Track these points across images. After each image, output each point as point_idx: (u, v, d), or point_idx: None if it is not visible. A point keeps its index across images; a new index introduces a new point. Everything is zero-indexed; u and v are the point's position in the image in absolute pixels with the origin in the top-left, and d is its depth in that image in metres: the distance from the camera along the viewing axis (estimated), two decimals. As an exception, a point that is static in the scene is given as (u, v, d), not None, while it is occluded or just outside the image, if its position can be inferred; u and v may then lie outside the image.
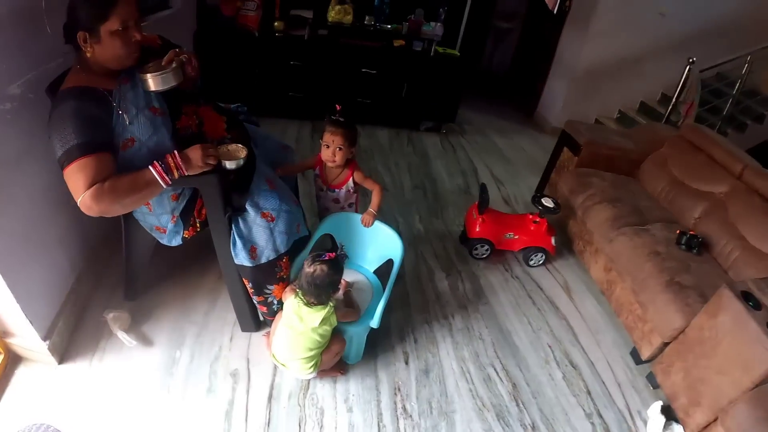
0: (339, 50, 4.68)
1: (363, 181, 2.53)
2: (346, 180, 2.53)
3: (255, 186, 2.15)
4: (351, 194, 2.61)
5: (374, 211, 2.52)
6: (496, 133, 5.63)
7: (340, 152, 2.40)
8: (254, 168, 2.19)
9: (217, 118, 2.19)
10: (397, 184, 4.13)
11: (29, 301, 2.04)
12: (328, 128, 2.39)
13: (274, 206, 2.15)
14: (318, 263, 2.06)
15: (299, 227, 2.28)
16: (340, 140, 2.37)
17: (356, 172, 2.52)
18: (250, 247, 2.14)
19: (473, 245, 3.23)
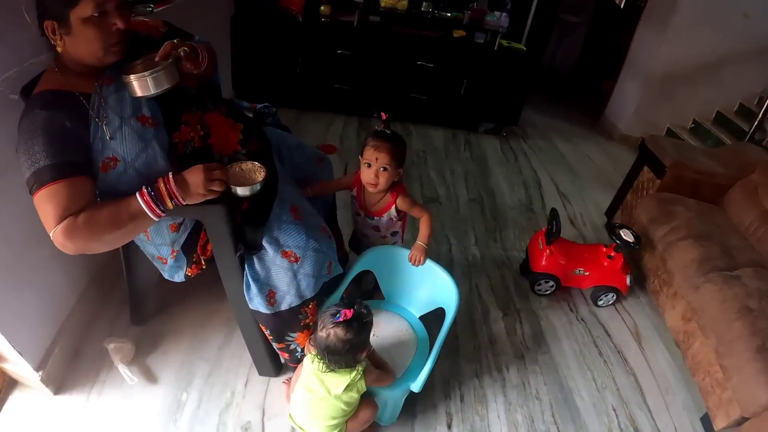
0: (392, 39, 4.34)
1: (409, 208, 2.13)
2: (389, 206, 2.13)
3: (275, 217, 1.76)
4: (394, 222, 2.20)
5: (424, 244, 2.11)
6: (561, 138, 5.18)
7: (384, 174, 1.99)
8: (275, 193, 1.81)
9: (229, 126, 1.79)
10: (452, 196, 3.71)
11: (18, 328, 1.84)
12: (372, 142, 1.99)
13: (299, 243, 1.76)
14: (331, 326, 1.66)
15: (331, 266, 1.90)
16: (385, 158, 1.97)
17: (401, 197, 2.10)
18: (268, 291, 1.78)
19: (536, 280, 2.80)
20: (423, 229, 2.13)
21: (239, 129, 1.81)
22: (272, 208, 1.77)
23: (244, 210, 1.75)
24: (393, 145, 1.99)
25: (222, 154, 1.74)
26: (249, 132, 1.85)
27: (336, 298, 1.99)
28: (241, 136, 1.81)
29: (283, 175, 1.93)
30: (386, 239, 2.28)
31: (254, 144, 1.84)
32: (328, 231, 1.92)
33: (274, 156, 1.94)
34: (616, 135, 5.34)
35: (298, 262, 1.75)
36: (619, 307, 2.88)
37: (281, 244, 1.74)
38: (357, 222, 2.29)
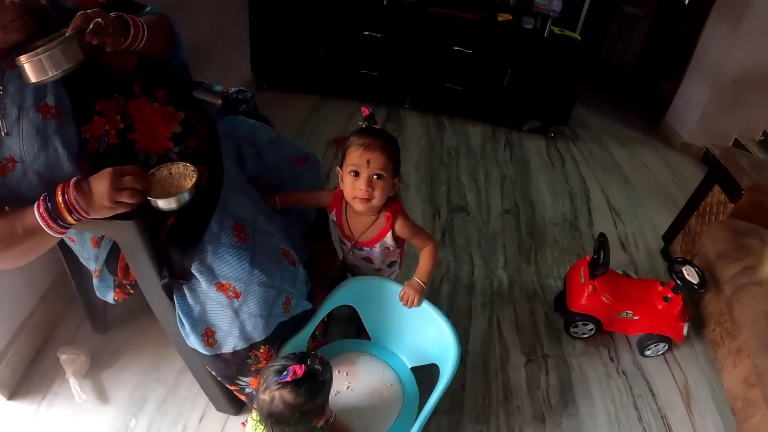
0: (426, 21, 3.93)
1: (411, 236, 1.70)
2: (383, 234, 1.69)
3: (212, 237, 1.40)
4: (391, 252, 1.78)
5: (422, 283, 1.68)
6: (616, 143, 4.63)
7: (380, 183, 1.56)
8: (215, 205, 1.43)
9: (162, 117, 1.41)
10: (483, 205, 3.24)
11: None
12: (358, 140, 1.57)
13: (239, 275, 1.40)
14: (276, 388, 1.29)
15: (290, 303, 1.52)
16: (380, 160, 1.55)
17: (401, 221, 1.67)
18: (204, 330, 1.45)
19: (573, 320, 2.32)
20: (424, 262, 1.70)
21: (177, 119, 1.43)
22: (208, 225, 1.40)
23: (169, 227, 1.37)
24: (388, 143, 1.57)
25: (149, 152, 1.37)
26: (191, 124, 1.46)
27: (300, 341, 1.60)
28: (180, 128, 1.42)
29: (235, 180, 1.55)
30: (382, 272, 1.86)
31: (196, 139, 1.46)
32: (292, 256, 1.54)
33: (225, 155, 1.55)
34: (677, 143, 4.81)
35: (238, 298, 1.40)
36: (668, 357, 2.38)
37: (216, 275, 1.39)
38: (343, 252, 1.87)
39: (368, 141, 1.54)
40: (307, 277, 1.64)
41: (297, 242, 1.77)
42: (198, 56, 2.19)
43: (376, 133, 1.59)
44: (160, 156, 1.37)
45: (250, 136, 1.75)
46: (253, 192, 1.62)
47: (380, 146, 1.55)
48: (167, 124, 1.40)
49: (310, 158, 1.90)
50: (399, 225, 1.66)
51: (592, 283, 2.24)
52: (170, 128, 1.40)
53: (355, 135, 1.59)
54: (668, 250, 3.01)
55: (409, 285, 1.69)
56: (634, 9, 6.02)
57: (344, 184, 1.60)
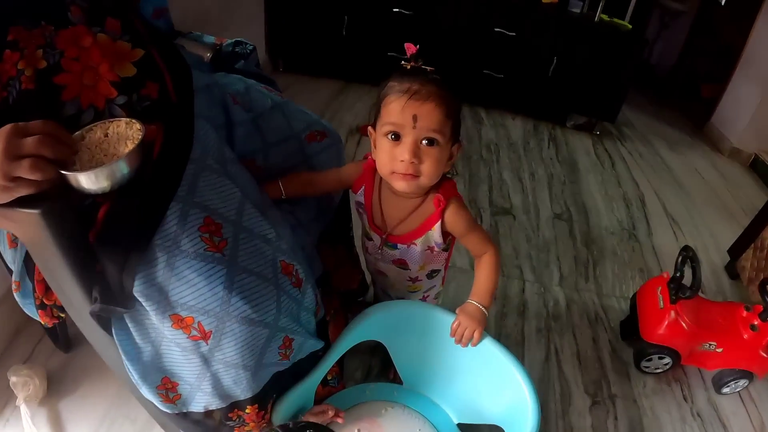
0: (464, 0, 3.61)
1: (465, 232, 1.22)
2: (429, 224, 1.22)
3: (166, 243, 0.93)
4: (435, 255, 1.31)
5: (484, 308, 1.21)
6: (665, 145, 4.29)
7: (431, 152, 1.09)
8: (173, 189, 0.95)
9: (109, 54, 0.95)
10: (531, 208, 2.82)
11: None
12: (400, 85, 1.07)
13: (208, 304, 0.95)
14: None
15: (289, 346, 1.08)
16: (433, 117, 1.06)
17: (454, 208, 1.20)
18: (160, 379, 1.04)
19: (647, 353, 1.91)
20: (483, 277, 1.24)
21: (131, 59, 0.97)
22: (161, 221, 0.93)
23: (101, 222, 0.91)
24: (446, 91, 1.08)
25: (82, 105, 0.93)
26: (153, 66, 1.00)
27: (305, 392, 1.20)
28: (134, 71, 0.96)
29: (214, 154, 1.08)
30: (418, 284, 1.39)
31: (155, 88, 0.99)
32: (296, 272, 1.09)
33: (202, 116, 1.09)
34: (725, 148, 4.50)
35: (207, 340, 0.95)
36: (743, 394, 2.01)
37: (172, 302, 0.93)
38: (367, 251, 1.40)
39: (416, 86, 1.05)
40: (319, 300, 1.19)
41: (309, 249, 1.32)
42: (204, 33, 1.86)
43: (428, 79, 1.07)
44: (98, 111, 0.93)
45: (245, 97, 1.28)
46: (241, 173, 1.14)
47: (435, 95, 1.05)
48: (115, 65, 0.95)
49: (328, 135, 1.41)
50: (452, 214, 1.19)
51: (674, 309, 1.83)
52: (118, 70, 0.95)
53: (396, 78, 1.09)
54: (734, 266, 2.63)
55: (464, 313, 1.22)
56: (676, 4, 5.71)
57: (378, 152, 1.13)
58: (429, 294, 1.47)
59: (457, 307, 1.24)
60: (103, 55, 0.93)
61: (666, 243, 2.69)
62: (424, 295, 1.47)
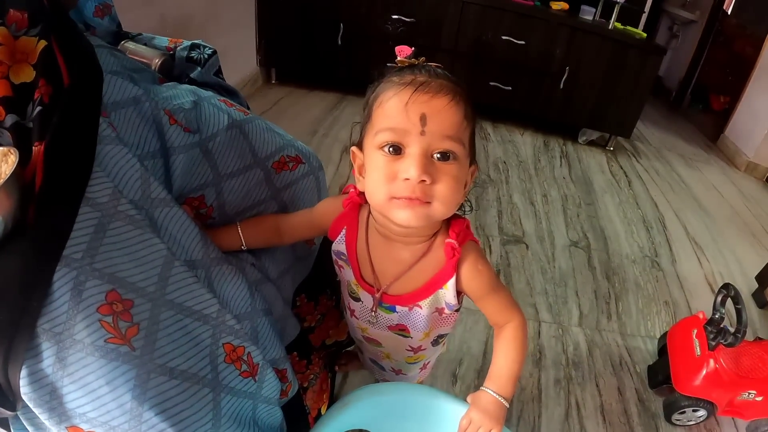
0: (468, 6, 3.42)
1: (485, 294, 0.92)
2: (437, 283, 0.92)
3: (55, 328, 0.67)
4: (443, 318, 1.02)
5: (504, 400, 0.91)
6: (681, 161, 4.12)
7: (447, 171, 0.79)
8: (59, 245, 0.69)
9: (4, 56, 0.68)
10: (545, 236, 2.59)
11: None
12: (400, 78, 0.80)
13: (112, 418, 0.68)
14: None
15: None
16: (450, 117, 0.77)
17: (471, 260, 0.90)
18: None
19: (680, 407, 1.70)
20: (503, 357, 0.93)
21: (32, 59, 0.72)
22: (44, 295, 0.68)
23: None
24: (458, 85, 0.81)
25: None
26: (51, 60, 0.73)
27: None
28: (33, 74, 0.71)
29: (135, 192, 0.81)
30: (420, 354, 1.11)
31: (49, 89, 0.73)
32: (246, 356, 0.85)
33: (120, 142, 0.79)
34: (741, 162, 4.38)
35: None
36: None
37: (66, 411, 0.69)
38: (354, 314, 1.09)
39: (423, 77, 0.79)
40: (290, 376, 0.96)
41: (280, 309, 1.04)
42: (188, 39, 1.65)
43: (436, 73, 0.82)
44: None
45: (191, 114, 0.96)
46: (175, 220, 0.86)
47: (448, 88, 0.79)
48: (11, 70, 0.70)
49: (304, 160, 1.10)
50: (470, 268, 0.89)
51: (712, 357, 1.61)
52: (14, 77, 0.70)
53: (393, 74, 0.83)
54: (763, 294, 2.45)
55: (478, 406, 0.91)
56: (686, 13, 5.56)
57: (369, 173, 0.84)
58: (430, 361, 1.20)
59: (469, 394, 0.93)
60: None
61: (691, 270, 2.50)
62: (425, 364, 1.19)
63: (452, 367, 1.70)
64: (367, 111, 0.82)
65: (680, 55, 5.86)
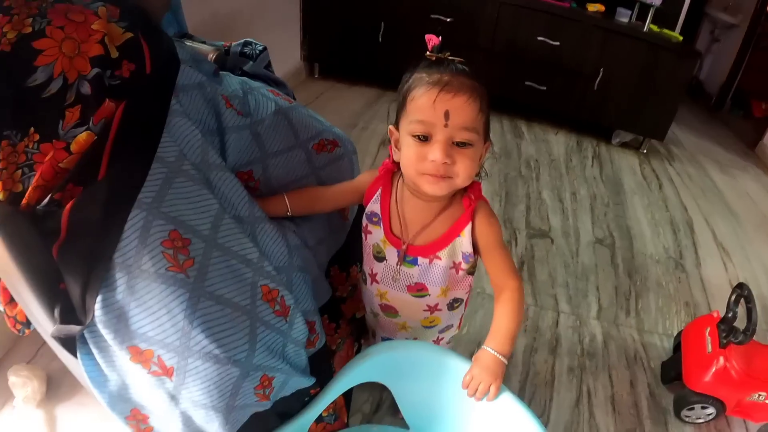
0: (505, 6, 3.41)
1: (493, 247, 1.08)
2: (456, 230, 1.08)
3: (125, 259, 0.84)
4: (459, 277, 1.15)
5: (502, 357, 1.04)
6: (716, 166, 4.03)
7: (465, 154, 0.97)
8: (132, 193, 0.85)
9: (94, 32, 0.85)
10: (571, 232, 2.64)
11: None
12: (428, 77, 0.96)
13: (167, 337, 0.85)
14: None
15: (269, 384, 0.97)
16: (467, 113, 0.95)
17: (484, 210, 1.07)
18: (129, 410, 0.96)
19: (689, 402, 1.73)
20: (502, 318, 1.06)
21: (117, 41, 0.87)
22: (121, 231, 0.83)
23: (65, 231, 0.82)
24: (477, 83, 0.96)
25: (54, 73, 0.83)
26: (136, 50, 0.89)
27: (298, 429, 1.07)
28: (116, 53, 0.86)
29: (195, 157, 0.96)
30: (436, 315, 1.22)
31: (131, 68, 0.88)
32: (280, 298, 0.98)
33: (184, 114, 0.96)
34: None
35: (171, 376, 0.85)
36: None
37: (130, 332, 0.84)
38: (375, 279, 1.22)
39: (447, 77, 0.94)
40: (318, 329, 1.10)
41: (314, 273, 1.18)
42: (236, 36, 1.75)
43: (458, 70, 0.96)
44: (66, 83, 0.82)
45: (243, 100, 1.12)
46: (227, 183, 1.01)
47: (467, 87, 0.94)
48: (99, 44, 0.85)
49: (340, 144, 1.26)
50: (483, 217, 1.06)
51: (723, 354, 1.65)
52: (101, 49, 0.85)
53: (422, 70, 0.98)
54: None
55: (479, 364, 1.04)
56: (727, 17, 5.40)
57: (403, 151, 1.01)
58: (444, 337, 1.31)
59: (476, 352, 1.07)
60: (89, 34, 0.83)
61: (715, 275, 2.49)
62: (438, 337, 1.31)
63: (471, 348, 1.78)
64: (402, 99, 0.99)
65: (721, 59, 5.68)
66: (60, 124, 0.80)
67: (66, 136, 0.80)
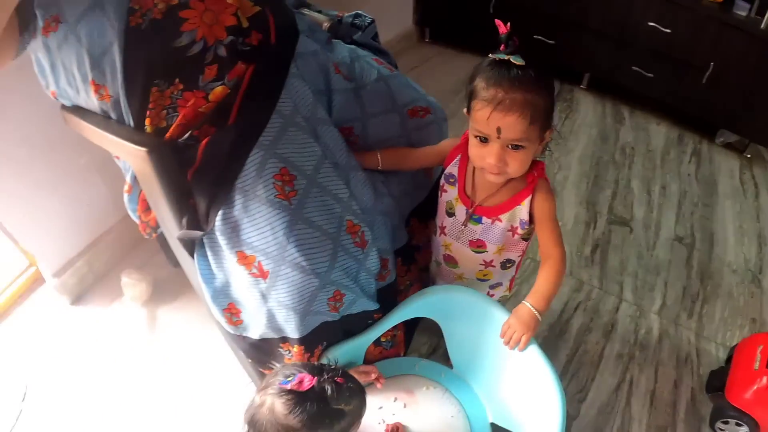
0: None
1: (546, 219, 1.23)
2: (517, 199, 1.23)
3: (244, 185, 1.07)
4: (514, 240, 1.30)
5: (538, 313, 1.20)
6: None
7: (517, 155, 1.12)
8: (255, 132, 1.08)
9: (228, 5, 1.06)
10: (652, 225, 2.63)
11: (39, 232, 1.83)
12: (486, 91, 1.07)
13: (268, 247, 1.08)
14: (272, 393, 1.00)
15: (339, 300, 1.18)
16: (517, 128, 1.07)
17: (543, 188, 1.24)
18: (227, 304, 1.20)
19: (725, 414, 1.74)
20: (544, 280, 1.22)
21: (249, 13, 1.07)
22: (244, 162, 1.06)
23: (200, 160, 1.05)
24: (533, 95, 1.05)
25: (196, 37, 1.03)
26: (263, 22, 1.09)
27: (356, 348, 1.31)
28: (247, 24, 1.06)
29: (305, 111, 1.16)
30: (490, 270, 1.38)
31: (258, 37, 1.08)
32: (361, 233, 1.18)
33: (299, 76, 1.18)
34: None
35: (265, 279, 1.07)
36: None
37: (240, 240, 1.07)
38: (443, 232, 1.38)
39: (500, 95, 1.04)
40: (390, 266, 1.29)
41: (395, 220, 1.38)
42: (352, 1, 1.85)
43: (519, 77, 1.04)
44: (206, 45, 1.03)
45: (350, 67, 1.32)
46: (330, 135, 1.22)
47: (519, 105, 1.04)
48: (233, 15, 1.05)
49: (432, 111, 1.44)
50: (542, 192, 1.22)
51: (767, 374, 1.66)
52: (234, 20, 1.05)
53: (483, 77, 1.08)
54: None
55: (516, 316, 1.21)
56: None
57: (470, 146, 1.18)
58: (494, 294, 1.47)
59: None
60: (226, 7, 1.03)
61: None
62: (489, 292, 1.47)
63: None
64: (468, 99, 1.13)
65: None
66: (200, 78, 1.01)
67: (205, 87, 1.02)
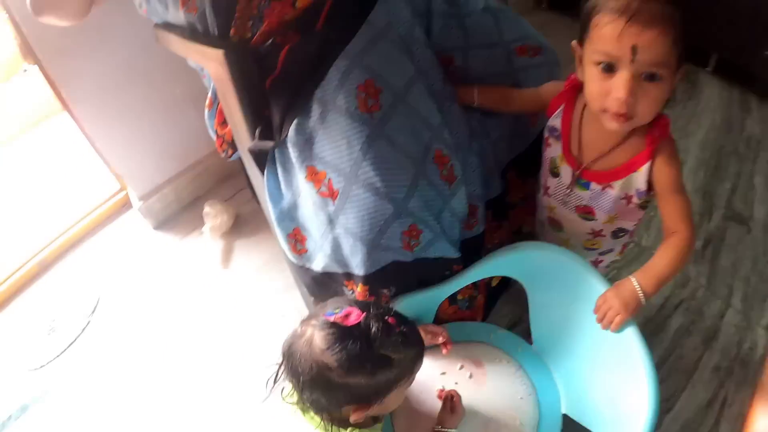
0: None
1: (670, 190, 1.02)
2: (634, 165, 1.04)
3: (324, 95, 0.99)
4: (629, 209, 1.12)
5: (642, 293, 1.00)
6: None
7: (651, 91, 0.91)
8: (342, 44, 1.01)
9: None
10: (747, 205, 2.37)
11: (131, 155, 1.93)
12: (614, 1, 0.89)
13: (341, 163, 0.98)
14: (314, 324, 0.91)
15: (416, 237, 1.04)
16: (658, 47, 0.87)
17: (667, 152, 1.01)
18: (293, 228, 1.12)
19: None
20: (660, 258, 1.02)
21: None
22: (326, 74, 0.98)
23: (280, 67, 0.99)
24: (675, 10, 0.87)
25: None
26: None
27: (428, 301, 1.19)
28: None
29: (399, 29, 1.08)
30: (598, 240, 1.22)
31: None
32: (450, 166, 1.06)
33: None
34: None
35: (334, 199, 0.98)
36: None
37: (312, 153, 0.99)
38: (547, 192, 1.23)
39: (636, 3, 0.85)
40: (480, 215, 1.17)
41: (490, 165, 1.24)
42: None
43: None
44: None
45: None
46: (427, 59, 1.11)
47: (660, 17, 0.85)
48: None
49: (544, 53, 1.28)
50: (665, 157, 1.01)
51: None
52: None
53: None
54: None
55: (616, 290, 1.03)
56: None
57: (586, 80, 0.98)
58: (603, 260, 1.30)
59: None
60: None
61: None
62: (598, 259, 1.29)
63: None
64: (585, 18, 0.94)
65: None
66: None
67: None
